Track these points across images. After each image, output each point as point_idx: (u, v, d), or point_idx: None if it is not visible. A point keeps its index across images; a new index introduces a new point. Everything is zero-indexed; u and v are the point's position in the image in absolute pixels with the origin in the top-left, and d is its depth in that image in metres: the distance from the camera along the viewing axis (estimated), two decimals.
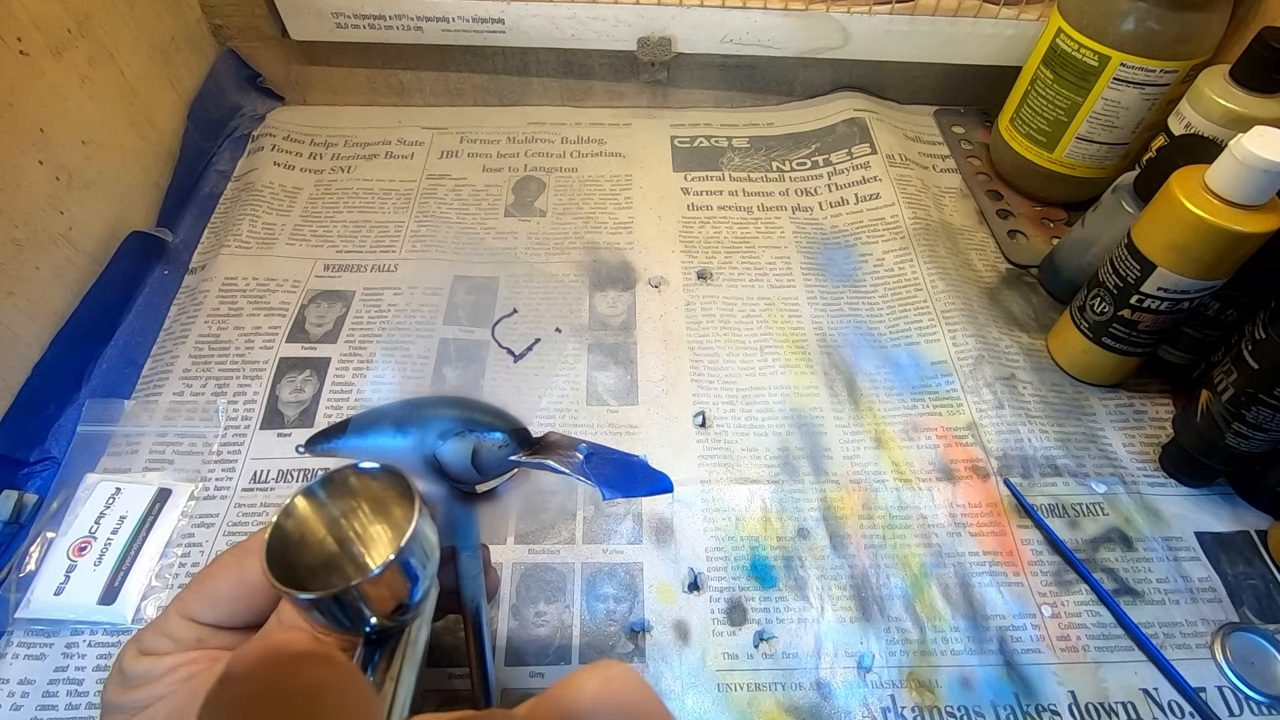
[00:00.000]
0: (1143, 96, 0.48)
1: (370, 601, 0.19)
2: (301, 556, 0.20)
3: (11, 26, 0.42)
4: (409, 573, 0.20)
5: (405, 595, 0.20)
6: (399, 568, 0.19)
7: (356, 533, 0.22)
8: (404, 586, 0.20)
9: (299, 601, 0.19)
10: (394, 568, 0.19)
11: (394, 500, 0.21)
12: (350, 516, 0.22)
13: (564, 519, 0.40)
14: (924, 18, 0.57)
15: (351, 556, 0.21)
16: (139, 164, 0.53)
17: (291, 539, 0.20)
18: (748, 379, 0.47)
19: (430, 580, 0.21)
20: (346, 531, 0.21)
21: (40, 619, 0.36)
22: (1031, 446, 0.43)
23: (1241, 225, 0.35)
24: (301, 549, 0.21)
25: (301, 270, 0.52)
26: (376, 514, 0.22)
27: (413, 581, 0.20)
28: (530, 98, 0.65)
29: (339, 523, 0.21)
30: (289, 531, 0.20)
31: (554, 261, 0.53)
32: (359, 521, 0.22)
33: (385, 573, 0.19)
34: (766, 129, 0.64)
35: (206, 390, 0.45)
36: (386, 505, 0.22)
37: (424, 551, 0.20)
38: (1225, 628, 0.37)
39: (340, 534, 0.21)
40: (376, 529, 0.22)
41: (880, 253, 0.54)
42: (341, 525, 0.21)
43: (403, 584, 0.20)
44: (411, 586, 0.20)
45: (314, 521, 0.21)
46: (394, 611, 0.20)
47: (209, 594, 0.23)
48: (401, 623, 0.21)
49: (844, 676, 0.36)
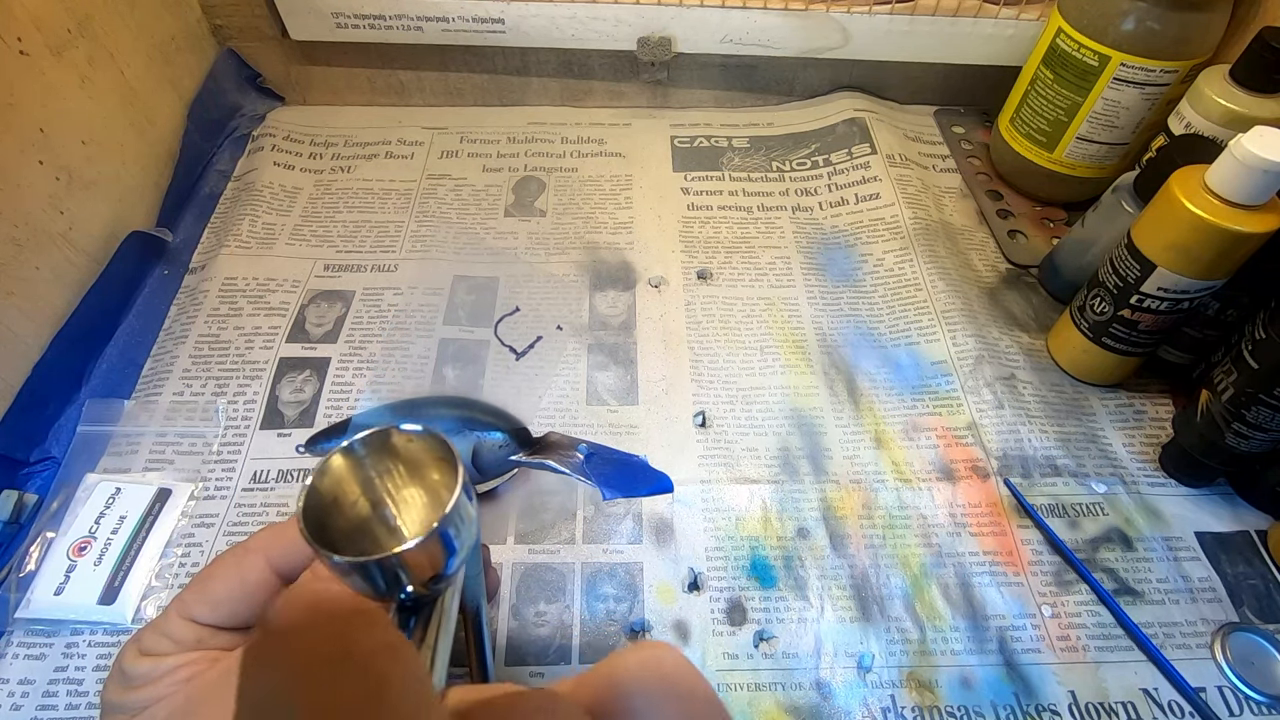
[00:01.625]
0: (1143, 96, 0.48)
1: (410, 569, 0.19)
2: (335, 518, 0.20)
3: (11, 26, 0.42)
4: (447, 543, 0.19)
5: (442, 565, 0.19)
6: (439, 537, 0.19)
7: (391, 495, 0.21)
8: (442, 556, 0.19)
9: (338, 565, 0.18)
10: (434, 537, 0.19)
11: (432, 465, 0.21)
12: (386, 478, 0.21)
13: (564, 519, 0.40)
14: (924, 18, 0.57)
15: (384, 520, 0.21)
16: (139, 164, 0.53)
17: (326, 499, 0.20)
18: (748, 379, 0.47)
19: (466, 551, 0.21)
20: (381, 493, 0.21)
21: (40, 619, 0.36)
22: (1031, 446, 0.43)
23: (1241, 225, 0.35)
24: (336, 510, 0.20)
25: (301, 270, 0.52)
26: (413, 477, 0.21)
27: (450, 552, 0.20)
28: (530, 98, 0.65)
29: (374, 484, 0.21)
30: (324, 491, 0.20)
31: (554, 261, 0.53)
32: (394, 484, 0.21)
33: (427, 541, 0.18)
34: (766, 129, 0.64)
35: (206, 390, 0.45)
36: (424, 470, 0.21)
37: (463, 521, 0.20)
38: (1225, 628, 0.37)
39: (375, 496, 0.21)
40: (412, 492, 0.21)
41: (880, 253, 0.54)
42: (376, 487, 0.21)
43: (441, 553, 0.19)
44: (449, 557, 0.20)
45: (350, 482, 0.20)
46: (430, 580, 0.20)
47: (209, 594, 0.23)
48: (436, 591, 0.20)
49: (844, 676, 0.36)
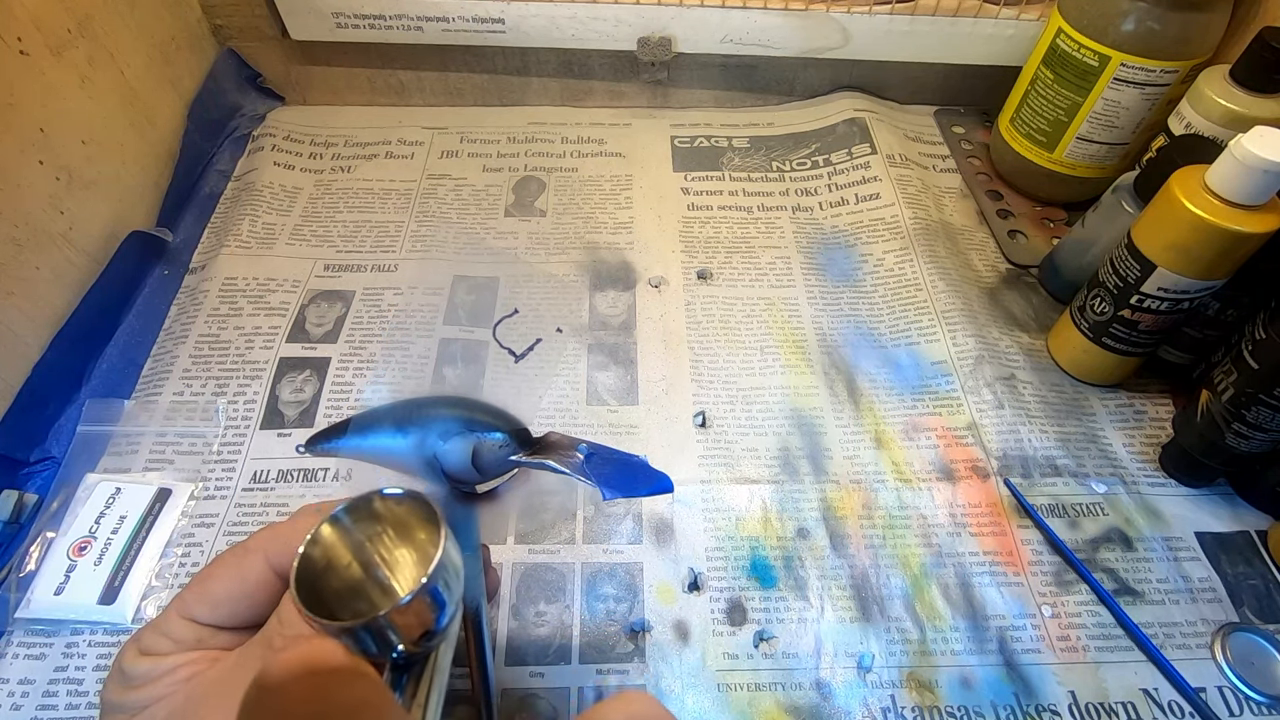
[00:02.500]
0: (1143, 96, 0.48)
1: (399, 629, 0.19)
2: (328, 583, 0.20)
3: (11, 26, 0.42)
4: (436, 599, 0.20)
5: (432, 622, 0.20)
6: (426, 595, 0.19)
7: (382, 557, 0.22)
8: (431, 613, 0.20)
9: (327, 629, 0.19)
10: (422, 595, 0.19)
11: (418, 525, 0.21)
12: (375, 541, 0.22)
13: (564, 519, 0.40)
14: (924, 18, 0.57)
15: (377, 581, 0.21)
16: (139, 164, 0.53)
17: (318, 566, 0.20)
18: (748, 379, 0.47)
19: (456, 605, 0.21)
20: (372, 556, 0.21)
21: (40, 619, 0.36)
22: (1031, 446, 0.43)
23: (1241, 225, 0.35)
24: (328, 575, 0.21)
25: (301, 270, 0.52)
26: (401, 538, 0.22)
27: (439, 608, 0.20)
28: (530, 98, 0.65)
29: (364, 547, 0.21)
30: (315, 559, 0.20)
31: (554, 261, 0.53)
32: (384, 546, 0.22)
33: (414, 601, 0.19)
34: (766, 129, 0.64)
35: (206, 390, 0.45)
36: (410, 530, 0.22)
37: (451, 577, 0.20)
38: (1225, 628, 0.37)
39: (366, 559, 0.21)
40: (401, 553, 0.22)
41: (880, 253, 0.54)
42: (367, 550, 0.21)
43: (430, 611, 0.20)
44: (439, 613, 0.20)
45: (340, 547, 0.21)
46: (421, 638, 0.20)
47: (209, 594, 0.23)
48: (428, 648, 0.21)
49: (844, 676, 0.36)
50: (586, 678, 0.35)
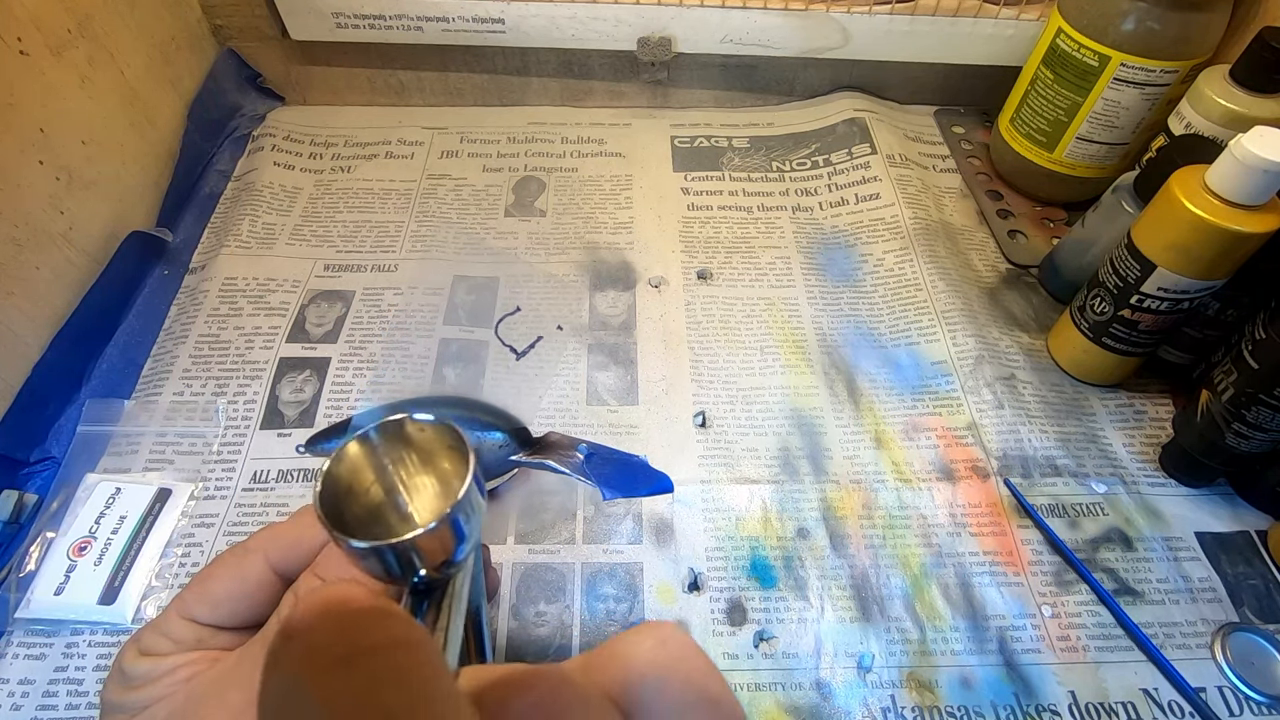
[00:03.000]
0: (1143, 96, 0.48)
1: (422, 553, 0.19)
2: (350, 504, 0.20)
3: (11, 26, 0.42)
4: (458, 529, 0.20)
5: (453, 550, 0.20)
6: (450, 524, 0.19)
7: (404, 482, 0.22)
8: (453, 542, 0.20)
9: (354, 549, 0.19)
10: (446, 523, 0.19)
11: (444, 454, 0.21)
12: (399, 466, 0.22)
13: (564, 519, 0.40)
14: (924, 18, 0.57)
15: (397, 506, 0.21)
16: (139, 164, 0.53)
17: (341, 486, 0.20)
18: (748, 379, 0.47)
19: (477, 536, 0.21)
20: (395, 480, 0.22)
21: (40, 619, 0.36)
22: (1031, 446, 0.43)
23: (1241, 225, 0.35)
24: (350, 496, 0.21)
25: (301, 270, 0.52)
26: (426, 465, 0.22)
27: (461, 538, 0.20)
28: (530, 98, 0.65)
29: (388, 471, 0.21)
30: (339, 478, 0.20)
31: (554, 261, 0.53)
32: (407, 471, 0.22)
33: (439, 527, 0.19)
34: (766, 129, 0.64)
35: (206, 390, 0.45)
36: (436, 458, 0.22)
37: (473, 509, 0.20)
38: (1225, 628, 0.37)
39: (389, 483, 0.21)
40: (424, 480, 0.22)
41: (880, 253, 0.54)
42: (390, 474, 0.21)
43: (452, 539, 0.20)
44: (459, 543, 0.20)
45: (364, 469, 0.21)
46: (442, 565, 0.20)
47: (209, 594, 0.23)
48: (447, 575, 0.21)
49: (844, 676, 0.36)
50: None
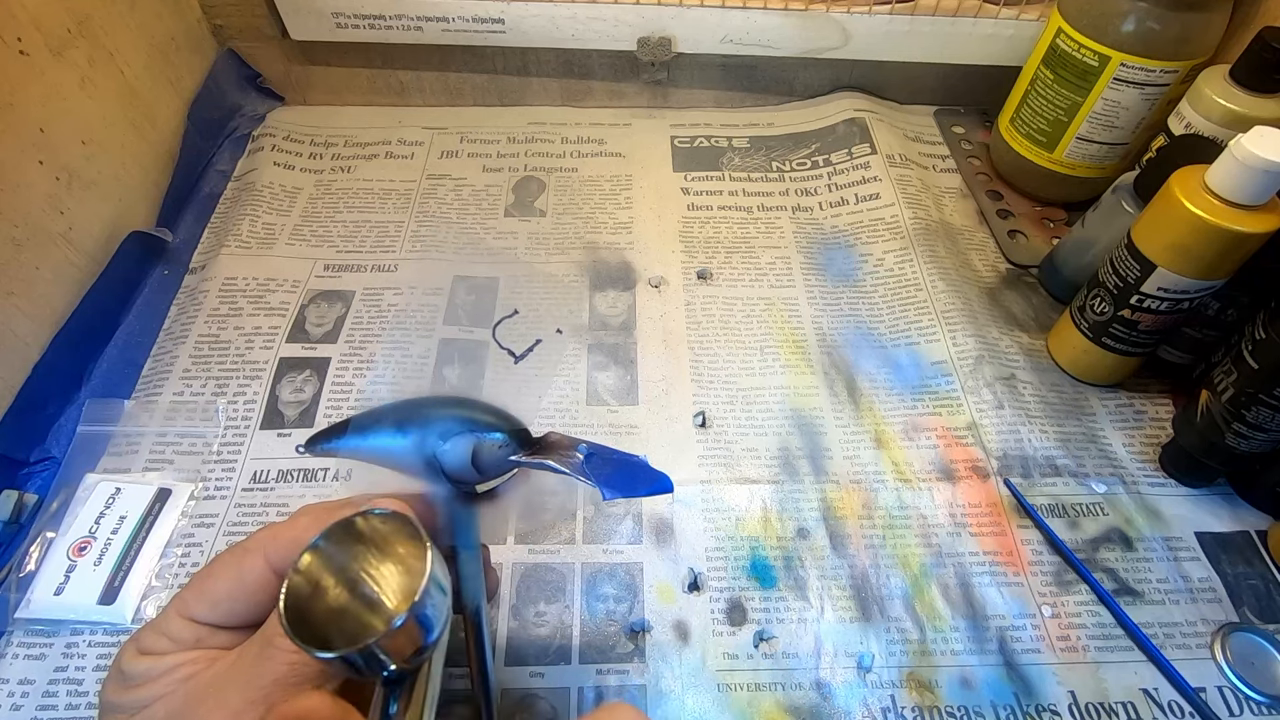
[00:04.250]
0: (1143, 96, 0.48)
1: (389, 652, 0.20)
2: (318, 604, 0.21)
3: (11, 26, 0.42)
4: (424, 622, 0.20)
5: (421, 640, 0.20)
6: (414, 618, 0.19)
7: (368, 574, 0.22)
8: (420, 633, 0.20)
9: (320, 659, 0.19)
10: (410, 619, 0.19)
11: (401, 542, 0.22)
12: (357, 561, 0.22)
13: (564, 519, 0.40)
14: (924, 18, 0.57)
15: (365, 597, 0.21)
16: (139, 164, 0.53)
17: (304, 592, 0.21)
18: (748, 379, 0.47)
19: (446, 621, 0.21)
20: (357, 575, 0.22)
21: (40, 619, 0.36)
22: (1031, 446, 0.43)
23: (1241, 225, 0.35)
24: (318, 597, 0.21)
25: (301, 270, 0.52)
26: (383, 554, 0.22)
27: (428, 630, 0.20)
28: (530, 98, 0.65)
29: (347, 569, 0.22)
30: (301, 586, 0.21)
31: (554, 261, 0.53)
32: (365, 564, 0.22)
33: (403, 625, 0.19)
34: (766, 129, 0.64)
35: (206, 390, 0.45)
36: (391, 545, 0.22)
37: (438, 595, 0.20)
38: (1225, 628, 0.37)
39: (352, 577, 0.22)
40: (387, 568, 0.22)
41: (880, 253, 0.54)
42: (351, 570, 0.22)
43: (419, 632, 0.20)
44: (427, 634, 0.20)
45: (324, 572, 0.21)
46: (412, 655, 0.20)
47: (208, 594, 0.23)
48: (418, 662, 0.21)
49: (844, 676, 0.36)
50: (586, 678, 0.35)
